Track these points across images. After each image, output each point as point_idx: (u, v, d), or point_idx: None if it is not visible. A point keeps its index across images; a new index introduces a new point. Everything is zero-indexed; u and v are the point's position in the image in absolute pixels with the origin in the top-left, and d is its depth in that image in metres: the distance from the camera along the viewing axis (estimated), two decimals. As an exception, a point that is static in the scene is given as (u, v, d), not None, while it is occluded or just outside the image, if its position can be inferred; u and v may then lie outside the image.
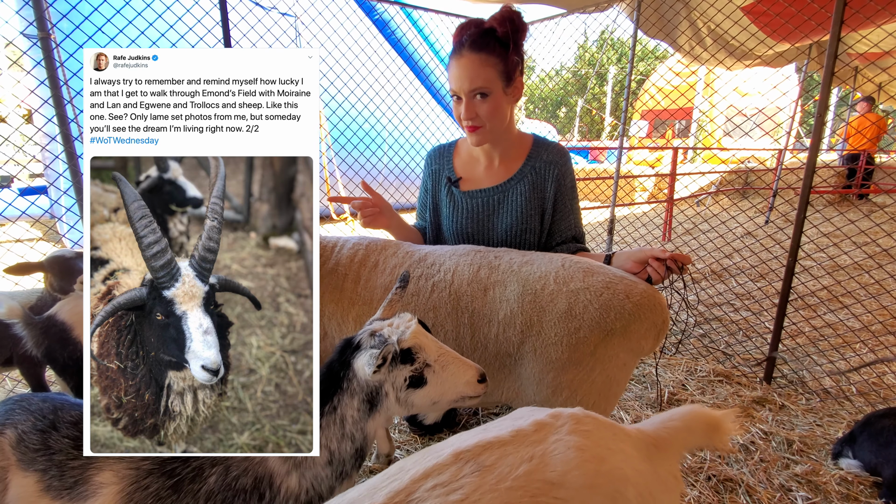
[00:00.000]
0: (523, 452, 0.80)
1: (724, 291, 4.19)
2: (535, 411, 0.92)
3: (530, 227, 1.82)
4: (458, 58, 1.66)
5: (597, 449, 0.83)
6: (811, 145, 2.48)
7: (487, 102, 1.67)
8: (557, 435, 0.84)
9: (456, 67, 1.66)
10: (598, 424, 0.89)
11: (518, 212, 1.80)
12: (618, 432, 0.90)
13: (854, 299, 3.51)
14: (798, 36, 4.34)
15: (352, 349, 1.11)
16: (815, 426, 2.35)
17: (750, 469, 2.02)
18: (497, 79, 1.66)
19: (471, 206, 1.85)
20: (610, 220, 4.22)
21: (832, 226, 2.91)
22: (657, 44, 15.60)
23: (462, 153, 1.94)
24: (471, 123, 1.70)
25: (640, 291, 1.41)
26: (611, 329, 1.34)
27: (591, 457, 0.81)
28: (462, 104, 1.68)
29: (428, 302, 1.49)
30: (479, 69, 1.63)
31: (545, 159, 1.82)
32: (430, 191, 1.98)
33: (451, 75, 1.68)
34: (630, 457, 0.87)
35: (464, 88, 1.65)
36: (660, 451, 0.93)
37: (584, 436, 0.84)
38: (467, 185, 1.87)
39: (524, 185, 1.81)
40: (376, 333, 1.09)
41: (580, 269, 1.44)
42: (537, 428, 0.85)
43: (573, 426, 0.86)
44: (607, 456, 0.83)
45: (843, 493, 1.90)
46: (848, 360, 2.89)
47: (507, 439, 0.82)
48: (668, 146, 9.61)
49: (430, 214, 1.98)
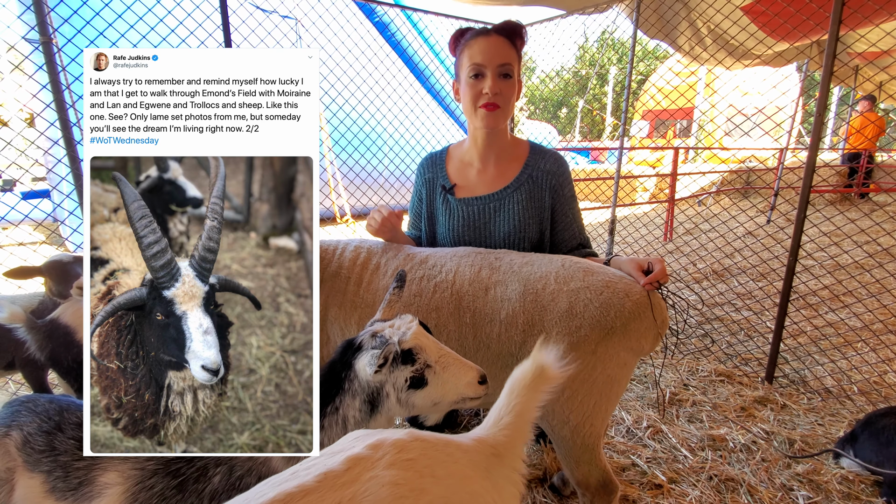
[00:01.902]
0: (330, 499, 0.71)
1: (725, 291, 4.19)
2: (362, 439, 0.83)
3: (528, 236, 1.80)
4: (485, 37, 1.66)
5: (417, 481, 0.76)
6: (811, 144, 2.48)
7: (509, 84, 1.69)
8: (373, 471, 0.75)
9: (483, 43, 1.65)
10: (425, 448, 0.82)
11: (516, 220, 1.78)
12: (452, 452, 0.84)
13: (855, 298, 3.51)
14: (797, 36, 4.34)
15: (353, 350, 1.11)
16: (817, 425, 2.35)
17: (752, 469, 2.02)
18: (517, 64, 1.70)
19: (467, 214, 1.82)
20: (611, 221, 4.22)
21: (833, 225, 2.91)
22: (657, 44, 15.62)
23: (454, 159, 1.92)
24: (492, 100, 1.68)
25: (640, 291, 1.41)
26: (611, 327, 1.34)
27: (408, 491, 0.75)
28: (485, 80, 1.66)
29: (430, 303, 1.49)
30: (508, 49, 1.66)
31: (542, 168, 1.80)
32: (425, 200, 1.94)
33: (477, 50, 1.65)
34: (464, 478, 0.81)
35: (494, 61, 1.64)
36: (500, 458, 0.88)
37: (404, 467, 0.77)
38: (462, 193, 1.85)
39: (521, 193, 1.79)
40: (377, 335, 1.09)
41: (580, 268, 1.44)
42: (350, 465, 0.76)
43: (393, 457, 0.78)
44: (429, 486, 0.77)
45: (844, 493, 1.89)
46: (849, 359, 2.88)
47: (312, 486, 0.73)
48: (669, 146, 9.61)
49: (425, 224, 1.95)
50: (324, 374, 1.13)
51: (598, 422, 1.41)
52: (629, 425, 2.34)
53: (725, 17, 3.76)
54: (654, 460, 2.09)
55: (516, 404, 0.90)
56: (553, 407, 1.39)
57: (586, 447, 1.41)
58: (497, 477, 0.86)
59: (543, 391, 0.90)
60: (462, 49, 1.71)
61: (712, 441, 2.21)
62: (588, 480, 1.45)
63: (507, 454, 0.89)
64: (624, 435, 2.28)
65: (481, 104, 1.69)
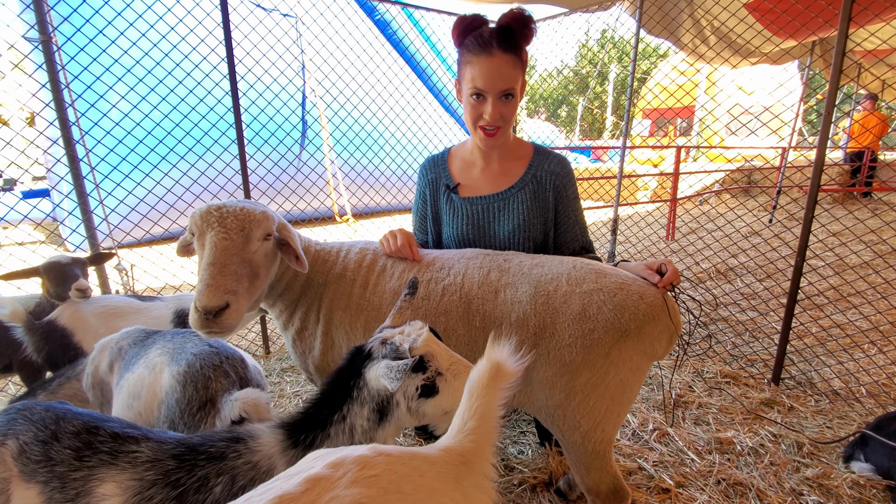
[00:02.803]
0: None
1: (730, 292, 4.15)
2: (321, 458, 0.80)
3: (532, 236, 1.78)
4: (488, 56, 1.56)
5: (382, 498, 0.74)
6: (819, 142, 2.44)
7: (511, 104, 1.64)
8: (334, 491, 0.72)
9: (487, 66, 1.56)
10: (390, 463, 0.79)
11: (520, 219, 1.76)
12: (419, 465, 0.81)
13: (863, 299, 3.47)
14: (804, 33, 4.29)
15: (363, 357, 1.09)
16: (825, 428, 2.32)
17: (760, 473, 1.99)
18: (521, 78, 1.64)
19: (471, 213, 1.81)
20: (613, 220, 4.20)
21: (840, 224, 2.88)
22: (659, 42, 15.57)
23: (457, 159, 1.90)
24: (493, 125, 1.64)
25: (654, 293, 1.38)
26: (625, 330, 1.32)
27: None
28: (487, 104, 1.61)
29: (439, 306, 1.46)
30: (511, 70, 1.58)
31: (547, 169, 1.78)
32: (429, 201, 1.91)
33: (479, 73, 1.57)
34: (432, 492, 0.79)
35: (496, 89, 1.58)
36: (468, 465, 0.85)
37: (367, 484, 0.74)
38: (466, 192, 1.83)
39: (525, 193, 1.77)
40: (387, 341, 1.07)
41: (592, 270, 1.41)
42: (308, 487, 0.72)
43: (356, 474, 0.75)
44: (395, 503, 0.74)
45: (855, 498, 1.86)
46: (857, 360, 2.85)
47: None
48: (671, 145, 9.57)
49: (431, 226, 1.93)
50: (331, 381, 1.10)
51: (610, 428, 1.38)
52: (635, 428, 2.31)
53: (731, 14, 3.72)
54: (661, 464, 2.06)
55: (478, 406, 0.87)
56: (564, 412, 1.37)
57: (597, 453, 1.39)
58: (467, 486, 0.83)
59: (502, 388, 0.88)
60: (464, 60, 1.63)
61: (719, 444, 2.18)
62: (598, 487, 1.43)
63: (476, 460, 0.86)
64: (630, 438, 2.25)
65: (481, 126, 1.66)
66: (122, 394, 1.48)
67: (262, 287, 1.45)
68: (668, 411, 2.47)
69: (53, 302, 2.13)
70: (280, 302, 1.63)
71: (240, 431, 1.08)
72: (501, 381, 0.87)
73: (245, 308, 1.34)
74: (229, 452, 1.03)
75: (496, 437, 0.89)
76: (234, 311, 1.29)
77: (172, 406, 1.36)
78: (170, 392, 1.38)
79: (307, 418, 1.08)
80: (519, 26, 1.59)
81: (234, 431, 1.08)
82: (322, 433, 1.06)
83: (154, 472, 1.01)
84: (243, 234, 1.35)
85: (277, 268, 1.54)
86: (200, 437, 1.07)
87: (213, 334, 1.30)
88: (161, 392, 1.41)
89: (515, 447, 2.21)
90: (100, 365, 1.61)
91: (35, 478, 1.02)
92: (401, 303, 1.19)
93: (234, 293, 1.29)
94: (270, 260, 1.47)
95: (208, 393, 1.36)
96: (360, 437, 1.05)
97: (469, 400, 0.88)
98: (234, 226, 1.34)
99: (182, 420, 1.33)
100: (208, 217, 1.35)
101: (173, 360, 1.45)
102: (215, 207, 1.37)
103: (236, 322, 1.30)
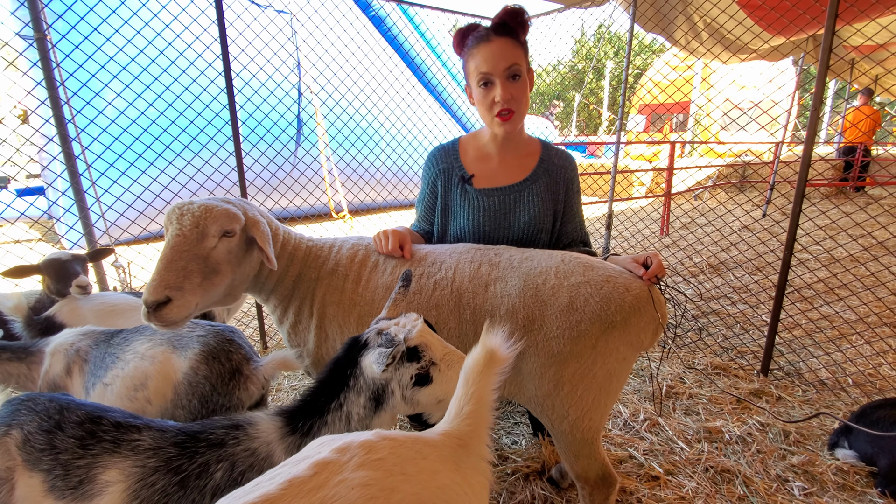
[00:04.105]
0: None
1: (721, 285, 4.21)
2: (327, 444, 0.82)
3: (545, 227, 1.82)
4: (486, 43, 1.63)
5: (388, 480, 0.76)
6: (806, 138, 2.49)
7: (520, 85, 1.67)
8: (342, 474, 0.75)
9: (486, 51, 1.62)
10: (394, 447, 0.82)
11: (535, 210, 1.80)
12: (421, 448, 0.85)
13: (850, 291, 3.54)
14: (793, 30, 4.34)
15: (359, 347, 1.12)
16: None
17: (747, 460, 2.04)
18: (524, 60, 1.68)
19: (487, 204, 1.81)
20: (608, 216, 4.24)
21: (828, 218, 2.93)
22: (654, 38, 15.59)
23: (469, 151, 1.89)
24: (506, 107, 1.66)
25: (640, 285, 1.42)
26: (612, 322, 1.36)
27: (378, 491, 0.74)
28: (496, 88, 1.64)
29: (430, 300, 1.50)
30: (512, 49, 1.63)
31: (556, 163, 1.84)
32: (440, 192, 1.89)
33: (481, 60, 1.63)
34: (434, 473, 0.82)
35: (499, 68, 1.62)
36: (466, 448, 0.90)
37: (373, 467, 0.77)
38: (482, 183, 1.83)
39: (539, 185, 1.81)
40: (383, 332, 1.10)
41: (580, 263, 1.45)
42: (317, 470, 0.75)
43: (362, 458, 0.78)
44: (399, 485, 0.77)
45: (839, 483, 1.92)
46: (844, 351, 2.91)
47: (277, 495, 0.71)
48: (666, 140, 9.61)
49: (438, 217, 1.92)
50: (328, 370, 1.14)
51: (597, 416, 1.42)
52: (626, 418, 2.36)
53: (722, 10, 3.76)
54: (651, 452, 2.11)
55: (474, 391, 0.92)
56: (552, 401, 1.41)
57: (585, 441, 1.43)
58: (465, 467, 0.88)
59: (496, 374, 0.92)
60: (467, 58, 1.69)
61: (708, 433, 2.23)
62: (587, 474, 1.47)
63: (473, 442, 0.91)
64: (621, 428, 2.30)
65: (496, 113, 1.68)
66: (114, 390, 1.49)
67: (223, 283, 1.43)
68: (658, 402, 2.52)
69: (53, 298, 2.16)
70: (274, 297, 1.65)
71: (239, 419, 1.11)
72: (495, 366, 0.92)
73: (193, 304, 1.34)
74: (229, 439, 1.07)
75: (491, 420, 0.94)
76: (177, 307, 1.30)
77: (201, 383, 1.45)
78: (190, 373, 1.46)
79: (305, 406, 1.11)
80: (512, 18, 1.65)
81: (233, 419, 1.12)
82: (320, 420, 1.09)
83: (156, 459, 1.04)
84: (197, 230, 1.35)
85: (255, 264, 1.54)
86: (200, 425, 1.11)
87: (161, 328, 1.32)
88: (177, 374, 1.47)
89: (509, 438, 2.26)
90: (52, 368, 1.61)
91: (39, 466, 1.05)
92: (395, 295, 1.23)
93: (178, 289, 1.30)
94: (236, 257, 1.46)
95: (232, 364, 1.50)
96: (357, 425, 1.09)
97: (465, 385, 0.92)
98: (188, 223, 1.35)
99: (216, 392, 1.45)
100: (171, 214, 1.37)
101: (177, 347, 1.51)
102: (179, 205, 1.39)
103: (180, 317, 1.31)
